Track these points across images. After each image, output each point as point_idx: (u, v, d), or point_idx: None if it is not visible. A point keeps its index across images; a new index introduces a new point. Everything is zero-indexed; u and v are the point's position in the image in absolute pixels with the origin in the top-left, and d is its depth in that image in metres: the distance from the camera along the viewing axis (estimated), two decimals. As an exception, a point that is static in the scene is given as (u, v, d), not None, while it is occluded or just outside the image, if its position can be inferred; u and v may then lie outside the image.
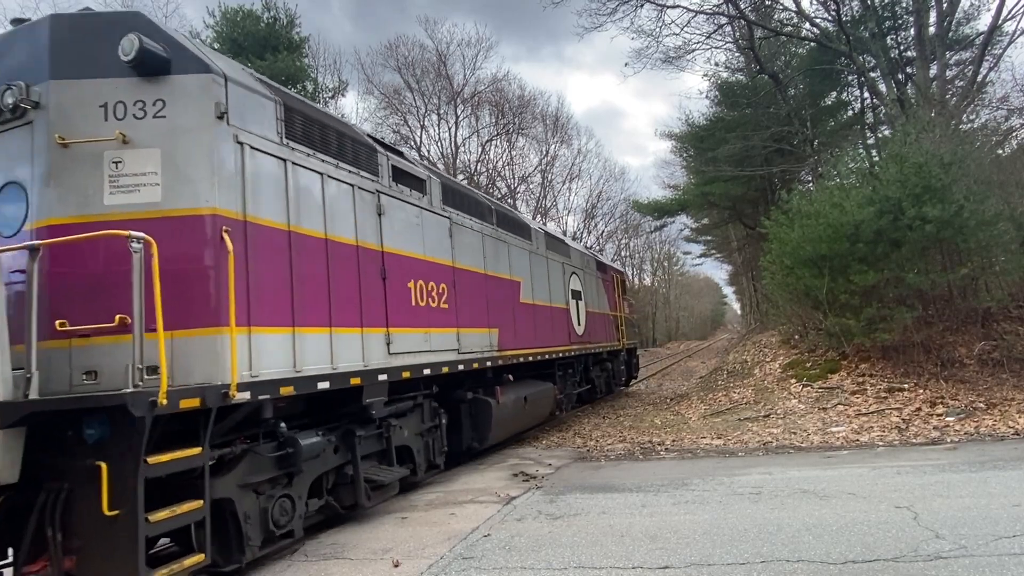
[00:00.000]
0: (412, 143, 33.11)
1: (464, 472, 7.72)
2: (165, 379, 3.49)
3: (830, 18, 20.26)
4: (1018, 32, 17.07)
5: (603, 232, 46.12)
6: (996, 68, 18.60)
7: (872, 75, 20.21)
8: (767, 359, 15.57)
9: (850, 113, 26.39)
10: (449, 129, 34.37)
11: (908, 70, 20.26)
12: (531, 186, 38.75)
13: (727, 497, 5.49)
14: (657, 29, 21.45)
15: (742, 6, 20.56)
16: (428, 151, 33.51)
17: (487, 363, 7.85)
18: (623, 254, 53.92)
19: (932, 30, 17.51)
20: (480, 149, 35.65)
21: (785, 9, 22.37)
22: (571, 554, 4.27)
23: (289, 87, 21.51)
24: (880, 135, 21.89)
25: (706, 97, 29.58)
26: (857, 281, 10.58)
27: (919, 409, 8.99)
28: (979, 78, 17.60)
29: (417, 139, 33.49)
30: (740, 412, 10.85)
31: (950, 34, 18.79)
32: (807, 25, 21.81)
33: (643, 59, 22.05)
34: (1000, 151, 15.54)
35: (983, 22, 19.62)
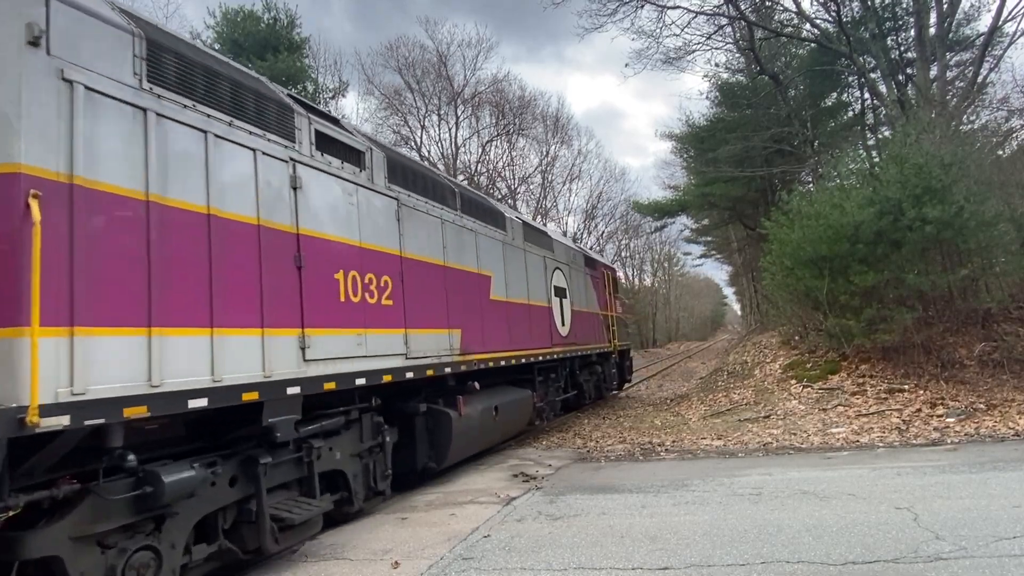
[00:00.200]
0: (412, 143, 33.17)
1: (464, 472, 7.72)
2: None
3: (830, 19, 20.27)
4: (1018, 33, 17.09)
5: (603, 233, 46.19)
6: (996, 69, 18.62)
7: (872, 76, 20.21)
8: (767, 360, 15.57)
9: (850, 114, 26.41)
10: (449, 130, 34.43)
11: (908, 71, 20.27)
12: (531, 187, 38.81)
13: (727, 498, 5.49)
14: (657, 30, 21.53)
15: (742, 7, 20.57)
16: (428, 151, 33.58)
17: (445, 369, 6.75)
18: (623, 255, 53.97)
19: (932, 31, 17.51)
20: (480, 150, 35.71)
21: (785, 10, 22.40)
22: (571, 555, 4.27)
23: (290, 87, 21.54)
24: (880, 136, 21.90)
25: (706, 98, 29.63)
26: (857, 282, 10.59)
27: (919, 410, 8.98)
28: (979, 79, 17.60)
29: (417, 140, 33.56)
30: (740, 413, 10.85)
31: (950, 35, 18.79)
32: (807, 26, 21.84)
33: (643, 60, 22.14)
34: (1000, 152, 15.57)
35: (983, 23, 19.70)
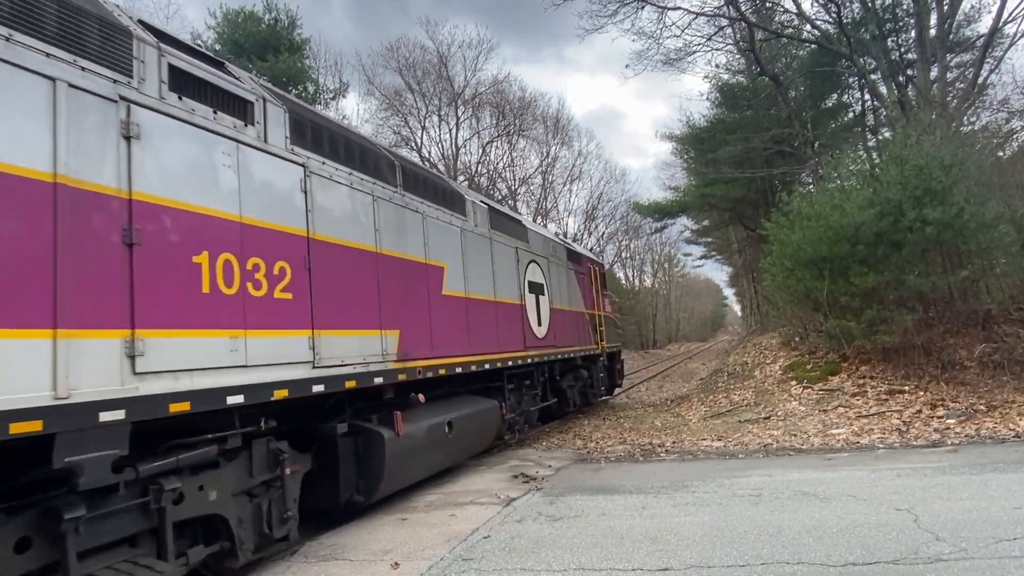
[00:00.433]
0: (413, 144, 33.20)
1: (464, 473, 7.72)
2: None
3: (831, 20, 20.28)
4: (1019, 34, 17.12)
5: (604, 234, 46.19)
6: (997, 70, 18.61)
7: (873, 77, 20.22)
8: (767, 361, 15.57)
9: (851, 115, 26.41)
10: (450, 130, 34.44)
11: (909, 72, 20.27)
12: (532, 187, 38.80)
13: (727, 499, 5.49)
14: (658, 31, 21.62)
15: (743, 8, 20.59)
16: (429, 152, 33.61)
17: (375, 380, 5.49)
18: (624, 256, 54.02)
19: (933, 32, 17.51)
20: (481, 150, 35.73)
21: (786, 11, 22.41)
22: (571, 556, 4.27)
23: (291, 88, 21.58)
24: (881, 137, 21.89)
25: (707, 99, 29.69)
26: (857, 283, 10.59)
27: (919, 411, 8.98)
28: (980, 80, 17.61)
29: (418, 140, 33.58)
30: (740, 414, 10.85)
31: (951, 36, 18.79)
32: (808, 27, 21.85)
33: (644, 61, 22.25)
34: (1000, 153, 15.56)
35: (984, 24, 19.68)
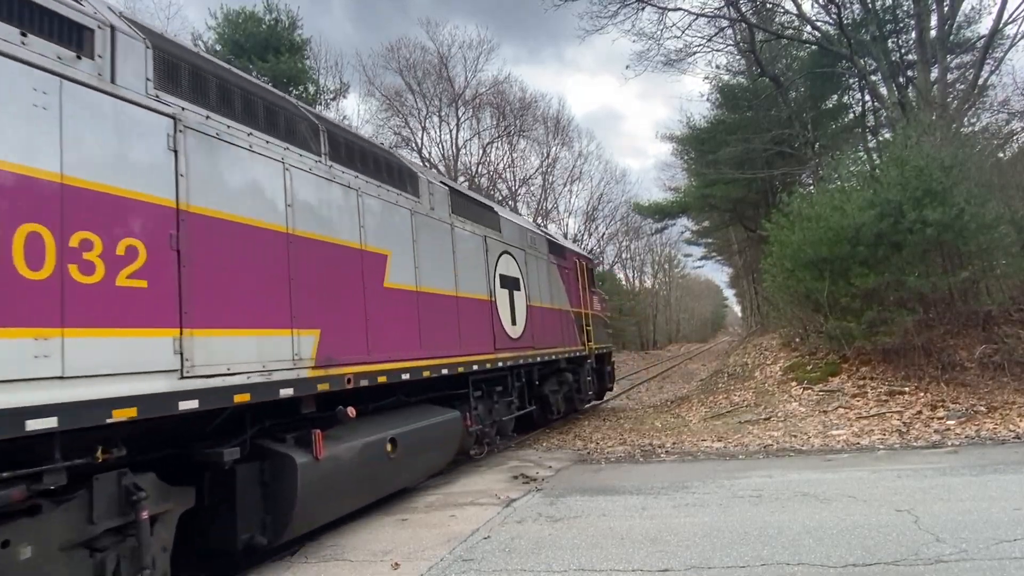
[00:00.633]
0: (413, 145, 33.21)
1: (464, 474, 7.72)
2: None
3: (831, 21, 20.29)
4: (1019, 36, 17.22)
5: (604, 234, 46.18)
6: (997, 72, 18.63)
7: (873, 78, 20.22)
8: (768, 362, 15.57)
9: (851, 116, 26.42)
10: (450, 131, 34.45)
11: (909, 73, 20.28)
12: (532, 188, 38.82)
13: (727, 500, 5.49)
14: (658, 32, 21.69)
15: (743, 9, 20.60)
16: (429, 153, 33.61)
17: (284, 391, 4.40)
18: (624, 256, 53.98)
19: (933, 33, 17.52)
20: (481, 151, 35.75)
21: (786, 12, 22.42)
22: (571, 556, 4.27)
23: (291, 89, 21.59)
24: (881, 138, 21.89)
25: (707, 100, 29.72)
26: (858, 284, 10.59)
27: (920, 412, 8.98)
28: (980, 81, 17.61)
29: (418, 141, 33.59)
30: (740, 415, 10.85)
31: (951, 37, 18.80)
32: (808, 28, 21.87)
33: (644, 61, 22.24)
34: (1001, 154, 15.55)
35: (984, 25, 19.68)
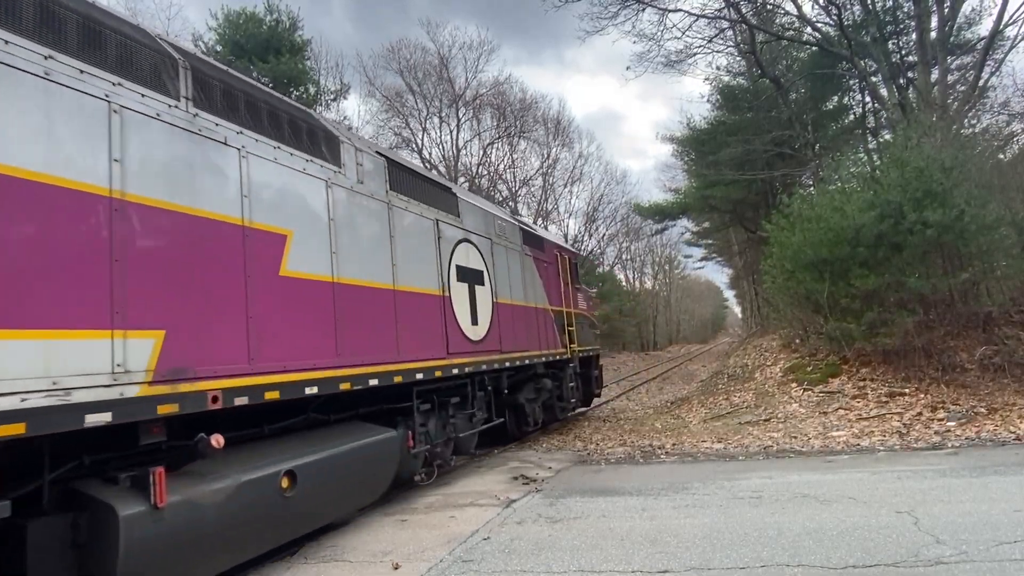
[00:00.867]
0: (414, 145, 33.24)
1: (464, 475, 7.72)
2: None
3: (831, 22, 20.29)
4: (1019, 37, 17.17)
5: (604, 235, 46.21)
6: (997, 73, 18.62)
7: (873, 79, 20.23)
8: (768, 363, 15.56)
9: (851, 117, 26.45)
10: (451, 132, 34.49)
11: (909, 74, 20.29)
12: (532, 189, 38.86)
13: (727, 501, 5.48)
14: (659, 33, 21.59)
15: (744, 11, 20.61)
16: (430, 154, 33.65)
17: (92, 416, 3.17)
18: (624, 257, 54.00)
19: (934, 35, 17.53)
20: (482, 152, 35.79)
21: (787, 14, 22.43)
22: (571, 557, 4.27)
23: (291, 90, 21.62)
24: (881, 139, 21.90)
25: (707, 101, 29.72)
26: (858, 285, 10.59)
27: (920, 413, 8.97)
28: (980, 83, 17.61)
29: (419, 142, 33.63)
30: (741, 416, 10.84)
31: (951, 39, 18.81)
32: (808, 29, 21.87)
33: (645, 63, 22.30)
34: (1001, 156, 15.55)
35: (985, 27, 19.64)
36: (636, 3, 19.54)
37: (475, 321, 7.77)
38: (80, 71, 3.47)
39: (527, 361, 9.32)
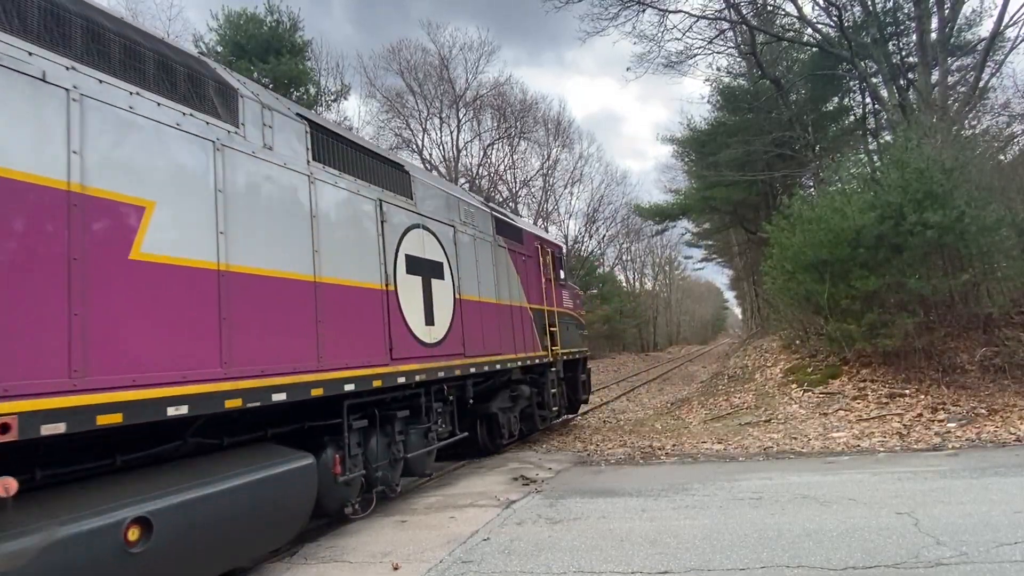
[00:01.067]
0: (414, 146, 33.27)
1: (464, 476, 7.72)
2: None
3: (832, 24, 20.30)
4: (1020, 38, 17.11)
5: (604, 236, 46.22)
6: (998, 74, 18.65)
7: (874, 80, 20.24)
8: (768, 364, 15.56)
9: (852, 118, 26.45)
10: (451, 133, 34.53)
11: (910, 76, 20.28)
12: (533, 190, 38.88)
13: (727, 502, 5.48)
14: (659, 34, 21.63)
15: (744, 12, 20.63)
16: (430, 154, 33.67)
17: None
18: (624, 258, 54.03)
19: (934, 36, 17.53)
20: (482, 153, 35.84)
21: (787, 15, 22.45)
22: (571, 558, 4.27)
23: (292, 91, 21.63)
24: (881, 140, 21.90)
25: (708, 102, 29.72)
26: (858, 286, 10.59)
27: (920, 415, 8.97)
28: (981, 84, 17.62)
29: (419, 142, 33.67)
30: (741, 417, 10.84)
31: (952, 40, 18.81)
32: (809, 30, 21.87)
33: (645, 64, 22.24)
34: (1001, 157, 15.57)
35: (985, 28, 19.65)
36: (637, 4, 19.57)
37: (430, 320, 6.71)
38: None
39: (499, 366, 8.32)
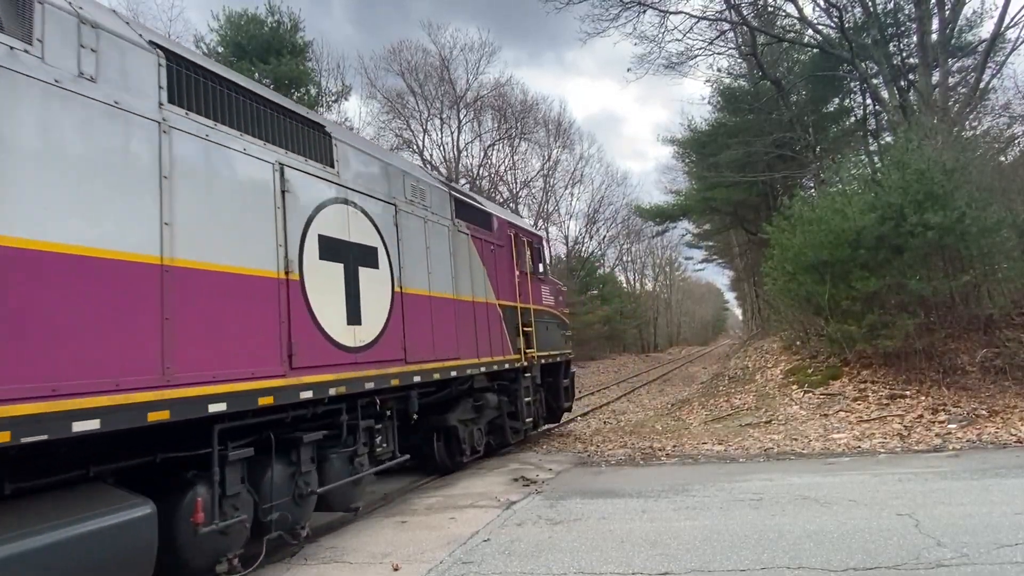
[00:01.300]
0: (415, 147, 33.28)
1: (464, 476, 7.71)
2: None
3: (833, 25, 20.30)
4: (1020, 40, 17.11)
5: (605, 237, 46.26)
6: (998, 75, 18.63)
7: (874, 81, 20.23)
8: (768, 365, 15.55)
9: (852, 119, 26.43)
10: (452, 133, 34.56)
11: (910, 77, 20.27)
12: (533, 191, 38.92)
13: (728, 503, 5.47)
14: (660, 35, 21.64)
15: (745, 13, 20.63)
16: (431, 155, 33.69)
17: None
18: (625, 259, 54.07)
19: (935, 37, 17.53)
20: (483, 154, 35.86)
21: (788, 16, 22.44)
22: (571, 559, 4.26)
23: (292, 91, 21.65)
24: (882, 141, 21.89)
25: (708, 103, 29.71)
26: (859, 287, 10.58)
27: (921, 416, 8.96)
28: (981, 85, 17.61)
29: (420, 143, 33.68)
30: (741, 418, 10.83)
31: (952, 41, 18.80)
32: (810, 31, 21.86)
33: (646, 64, 22.22)
34: (1002, 158, 15.55)
35: (986, 29, 19.64)
36: (637, 5, 19.56)
37: (355, 319, 5.50)
38: None
39: (454, 373, 7.19)
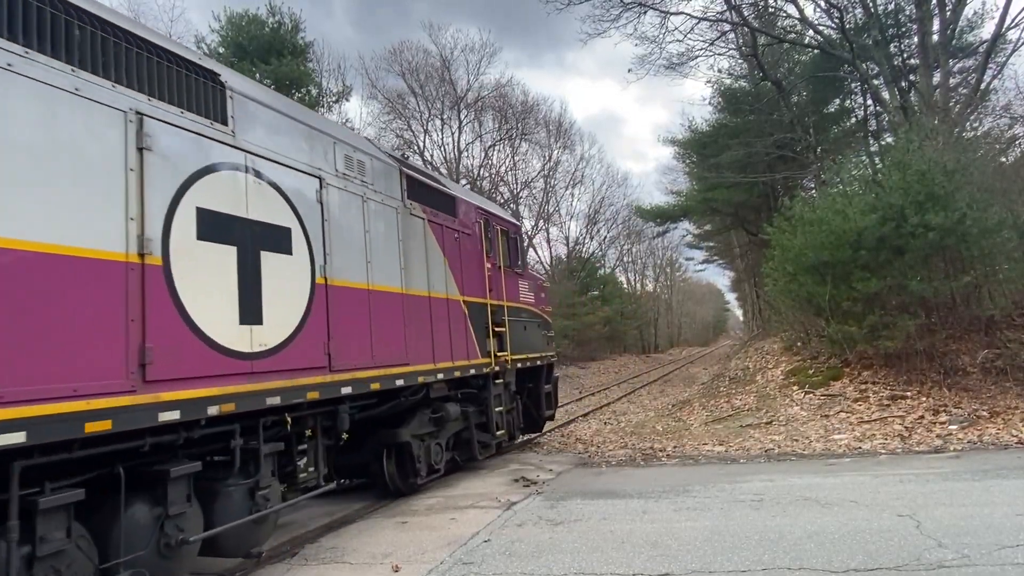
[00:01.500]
0: (416, 147, 33.28)
1: (465, 477, 7.71)
2: None
3: (833, 25, 20.28)
4: (1021, 40, 17.10)
5: (605, 237, 46.25)
6: (999, 76, 18.59)
7: (875, 82, 20.22)
8: (769, 366, 15.54)
9: (853, 120, 26.42)
10: (452, 134, 34.54)
11: (911, 77, 20.26)
12: (534, 191, 38.91)
13: (728, 504, 5.47)
14: (660, 35, 21.55)
15: (745, 13, 20.63)
16: (431, 156, 33.69)
17: None
18: (625, 260, 54.05)
19: (935, 38, 17.51)
20: (483, 154, 35.85)
21: (788, 16, 22.43)
22: (572, 560, 4.26)
23: (293, 91, 21.67)
24: (883, 142, 21.86)
25: (709, 103, 29.70)
26: (860, 288, 10.57)
27: (922, 417, 8.95)
28: (982, 86, 17.59)
29: (420, 144, 33.67)
30: (742, 419, 10.82)
31: (953, 42, 18.79)
32: (810, 32, 21.84)
33: (646, 65, 22.11)
34: (1003, 159, 15.52)
35: (987, 30, 19.63)
36: (638, 6, 19.54)
37: (254, 317, 4.41)
38: None
39: (400, 382, 6.09)
